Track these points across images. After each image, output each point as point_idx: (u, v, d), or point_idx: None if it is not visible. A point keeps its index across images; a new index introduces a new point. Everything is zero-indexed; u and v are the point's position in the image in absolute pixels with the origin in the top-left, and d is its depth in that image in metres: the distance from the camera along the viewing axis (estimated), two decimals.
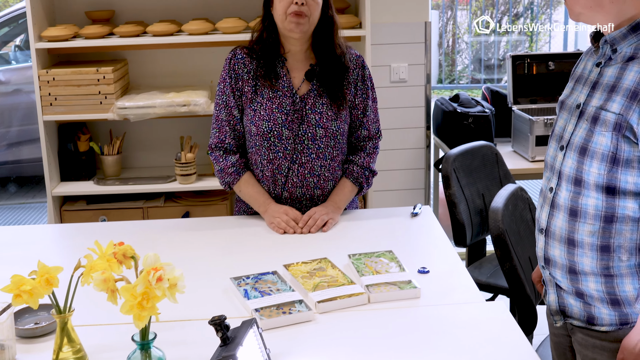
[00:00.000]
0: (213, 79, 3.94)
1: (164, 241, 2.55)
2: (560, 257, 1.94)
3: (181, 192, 3.85)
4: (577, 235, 1.89)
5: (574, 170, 1.89)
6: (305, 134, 2.61)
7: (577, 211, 1.88)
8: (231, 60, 2.66)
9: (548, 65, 4.05)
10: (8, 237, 2.71)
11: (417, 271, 2.20)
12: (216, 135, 2.69)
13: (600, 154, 1.83)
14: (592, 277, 1.89)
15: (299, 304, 1.96)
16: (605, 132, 1.81)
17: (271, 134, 2.60)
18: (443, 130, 4.11)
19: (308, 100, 2.62)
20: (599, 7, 1.85)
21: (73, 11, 3.87)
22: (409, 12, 4.08)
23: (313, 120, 2.61)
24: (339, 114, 2.64)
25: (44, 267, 1.62)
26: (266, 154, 2.62)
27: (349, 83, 2.66)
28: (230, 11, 3.85)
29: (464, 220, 3.12)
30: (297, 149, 2.61)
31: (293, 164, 2.62)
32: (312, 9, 2.54)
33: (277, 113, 2.60)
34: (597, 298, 1.91)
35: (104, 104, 3.62)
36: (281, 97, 2.61)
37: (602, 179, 1.83)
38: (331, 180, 2.67)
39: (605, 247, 1.86)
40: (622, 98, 1.80)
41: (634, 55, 1.82)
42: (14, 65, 6.64)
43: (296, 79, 2.64)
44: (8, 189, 6.56)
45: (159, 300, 1.55)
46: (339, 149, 2.67)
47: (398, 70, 4.12)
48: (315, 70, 2.63)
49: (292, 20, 2.52)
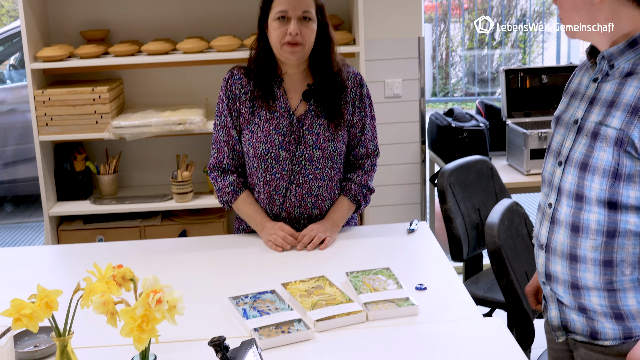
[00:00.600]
0: (208, 97, 3.96)
1: (162, 261, 2.56)
2: (562, 273, 1.95)
3: (178, 210, 3.86)
4: (580, 251, 1.90)
5: (574, 185, 1.90)
6: (303, 155, 2.61)
7: (579, 226, 1.89)
8: (228, 81, 2.66)
9: (541, 79, 4.07)
10: (6, 258, 2.72)
11: (415, 288, 2.21)
12: (215, 155, 2.70)
13: (602, 169, 1.84)
14: (595, 292, 1.90)
15: (298, 323, 1.97)
16: (606, 148, 1.83)
17: (268, 156, 2.60)
18: (438, 144, 4.13)
19: (305, 121, 2.62)
20: (592, 23, 1.86)
21: (68, 31, 3.89)
22: (402, 28, 4.10)
23: (310, 141, 2.61)
24: (336, 134, 2.64)
25: (43, 291, 1.62)
26: (263, 174, 2.63)
27: (346, 102, 2.67)
28: (224, 29, 3.88)
29: (460, 235, 3.13)
30: (295, 169, 2.62)
31: (291, 184, 2.63)
32: (307, 36, 2.55)
33: (274, 134, 2.60)
34: (601, 313, 1.92)
35: (99, 124, 3.63)
36: (278, 118, 2.61)
37: (604, 194, 1.84)
38: (329, 199, 2.69)
39: (608, 261, 1.87)
40: (623, 113, 1.81)
41: (632, 71, 1.84)
42: (9, 84, 6.65)
43: (293, 99, 2.65)
44: (4, 208, 6.55)
45: (158, 322, 1.55)
46: (336, 168, 2.68)
47: (392, 86, 4.14)
48: (313, 91, 2.64)
49: (287, 50, 2.54)
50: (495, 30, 9.60)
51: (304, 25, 2.53)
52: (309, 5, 2.54)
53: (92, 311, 1.63)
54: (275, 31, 2.54)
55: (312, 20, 2.55)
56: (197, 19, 3.92)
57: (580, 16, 1.87)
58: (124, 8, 3.91)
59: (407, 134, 4.22)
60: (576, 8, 1.88)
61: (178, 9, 3.92)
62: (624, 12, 1.83)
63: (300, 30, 2.52)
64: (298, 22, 2.52)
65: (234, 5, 3.91)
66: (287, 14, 2.52)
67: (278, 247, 2.57)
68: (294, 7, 2.52)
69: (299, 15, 2.52)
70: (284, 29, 2.52)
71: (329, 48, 2.63)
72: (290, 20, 2.52)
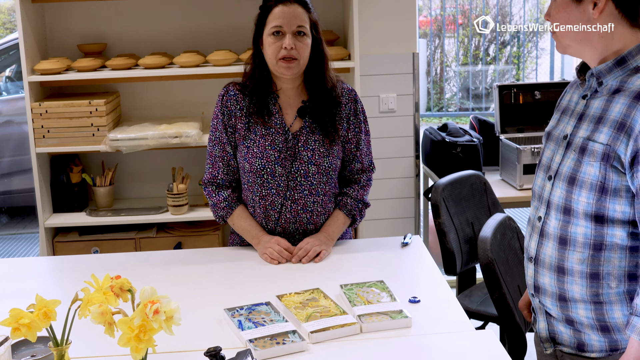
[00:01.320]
0: (204, 110, 3.99)
1: (158, 273, 2.57)
2: (550, 285, 1.98)
3: (173, 222, 3.88)
4: (567, 263, 1.93)
5: (562, 199, 1.93)
6: (298, 171, 2.63)
7: (567, 239, 1.92)
8: (224, 97, 2.69)
9: (534, 95, 4.11)
10: (2, 269, 2.73)
11: (408, 301, 2.24)
12: (209, 170, 2.72)
13: (589, 184, 1.87)
14: (582, 304, 1.93)
15: (293, 335, 1.99)
16: (593, 162, 1.86)
17: (264, 171, 2.62)
18: (432, 159, 4.16)
19: (300, 137, 2.64)
20: (587, 41, 1.90)
21: (65, 44, 3.92)
22: (397, 43, 4.14)
23: (305, 157, 2.63)
24: (331, 150, 2.66)
25: (42, 301, 1.65)
26: (259, 190, 2.65)
27: (341, 118, 2.69)
28: (220, 44, 3.91)
29: (454, 249, 3.16)
30: (290, 185, 2.64)
31: (286, 200, 2.64)
32: (302, 51, 2.58)
33: (269, 150, 2.62)
34: (587, 325, 1.94)
35: (96, 136, 3.66)
36: (274, 134, 2.64)
37: (591, 208, 1.87)
38: (324, 214, 2.71)
39: (595, 274, 1.90)
40: (609, 129, 1.84)
41: (620, 88, 1.87)
42: (5, 96, 6.68)
43: (288, 116, 2.67)
44: None
45: (155, 332, 1.58)
46: (331, 184, 2.70)
47: (387, 101, 4.18)
48: (308, 107, 2.66)
49: (283, 65, 2.57)
50: (489, 47, 9.66)
51: (299, 40, 2.57)
52: (303, 21, 2.58)
53: (89, 321, 1.65)
54: (271, 46, 2.57)
55: (306, 35, 2.60)
56: (194, 33, 3.95)
57: (574, 32, 1.91)
58: (121, 22, 3.94)
59: (402, 149, 4.25)
60: (571, 22, 1.91)
61: (175, 24, 3.95)
62: (617, 28, 1.88)
63: (295, 44, 2.56)
64: (293, 37, 2.56)
65: (230, 20, 3.94)
66: (282, 29, 2.56)
67: (274, 261, 2.59)
68: (289, 22, 2.56)
69: (294, 30, 2.56)
70: (279, 44, 2.56)
71: (323, 64, 2.67)
72: (285, 35, 2.56)
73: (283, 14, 2.56)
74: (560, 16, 1.93)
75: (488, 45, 9.68)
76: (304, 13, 2.60)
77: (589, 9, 1.86)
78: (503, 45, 9.67)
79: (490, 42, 9.67)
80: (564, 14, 1.92)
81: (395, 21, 4.11)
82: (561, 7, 1.92)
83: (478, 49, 9.69)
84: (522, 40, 9.58)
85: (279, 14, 2.56)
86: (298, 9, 2.58)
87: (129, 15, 3.93)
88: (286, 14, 2.56)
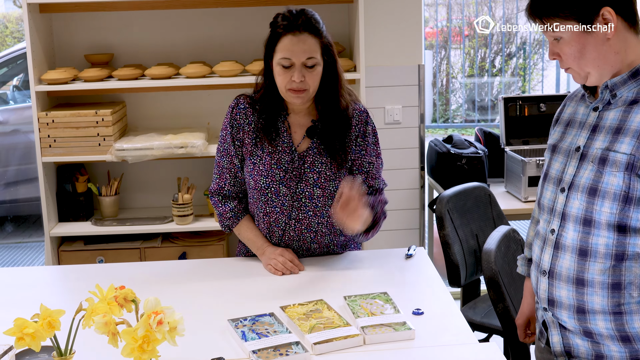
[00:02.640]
0: (210, 121, 4.00)
1: (162, 283, 2.58)
2: (568, 298, 1.98)
3: (178, 232, 3.89)
4: (587, 275, 1.93)
5: (582, 210, 1.94)
6: (303, 192, 2.59)
7: (587, 251, 1.93)
8: (233, 109, 2.63)
9: (539, 107, 4.12)
10: (7, 278, 2.74)
11: (412, 312, 2.24)
12: (216, 181, 2.69)
13: (612, 194, 1.89)
14: (601, 315, 1.93)
15: (296, 346, 2.00)
16: (616, 172, 1.88)
17: (268, 190, 2.59)
18: (437, 171, 4.17)
19: (307, 158, 2.59)
20: (605, 63, 1.92)
21: (73, 54, 3.94)
22: (402, 55, 4.15)
23: (311, 179, 2.58)
24: (338, 174, 2.60)
25: (46, 310, 1.66)
26: (263, 207, 2.62)
27: (350, 140, 2.62)
28: (227, 55, 3.93)
29: (458, 261, 3.16)
30: (294, 205, 2.60)
31: (290, 219, 2.61)
32: (312, 81, 2.50)
33: (275, 169, 2.58)
34: (607, 336, 1.95)
35: (102, 146, 3.67)
36: (280, 153, 2.58)
37: (614, 218, 1.89)
38: (328, 235, 2.67)
39: (617, 284, 1.91)
40: (632, 139, 1.87)
41: (637, 99, 1.91)
42: (12, 105, 6.70)
43: (297, 134, 2.61)
44: (5, 228, 6.58)
45: (159, 343, 1.59)
46: None
47: (392, 112, 4.19)
48: (317, 127, 2.60)
49: (292, 95, 2.50)
50: (495, 58, 9.66)
51: (308, 71, 2.48)
52: (313, 51, 2.48)
53: (93, 331, 1.66)
54: (280, 76, 2.49)
55: (317, 64, 2.50)
56: (200, 44, 3.97)
57: (592, 58, 1.91)
58: (128, 32, 3.96)
59: (407, 160, 4.25)
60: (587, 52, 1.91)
61: (181, 35, 3.97)
62: (630, 42, 1.91)
63: (305, 76, 2.47)
64: (302, 69, 2.47)
65: (236, 31, 3.96)
66: (290, 61, 2.46)
67: (277, 272, 2.59)
68: (298, 55, 2.46)
69: (303, 62, 2.47)
70: (287, 75, 2.47)
71: (337, 85, 2.58)
72: (294, 66, 2.47)
73: (292, 46, 2.45)
74: (572, 50, 1.92)
75: (494, 57, 9.69)
76: (315, 42, 2.48)
77: (602, 30, 1.88)
78: (509, 57, 9.67)
79: (496, 54, 9.67)
80: (577, 46, 1.91)
81: (401, 33, 4.12)
82: (573, 40, 1.91)
83: (484, 60, 9.70)
84: (528, 52, 9.58)
85: (288, 45, 2.46)
86: (308, 38, 2.47)
87: (135, 26, 3.96)
88: (295, 46, 2.45)
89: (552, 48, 1.96)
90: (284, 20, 2.48)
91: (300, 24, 2.46)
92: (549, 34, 1.95)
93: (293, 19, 2.47)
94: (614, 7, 1.87)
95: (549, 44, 1.98)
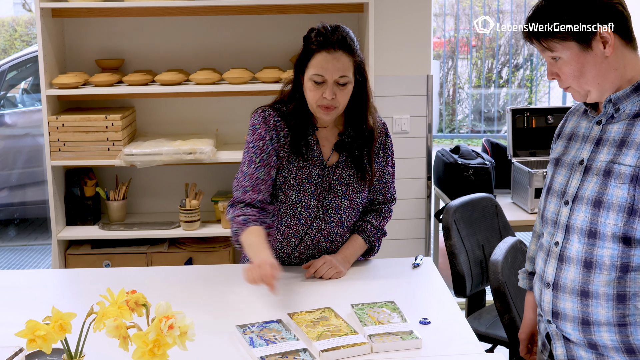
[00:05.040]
0: (219, 127, 4.02)
1: (169, 288, 2.58)
2: (572, 310, 1.99)
3: (185, 238, 3.91)
4: (592, 286, 1.94)
5: (587, 222, 1.95)
6: (331, 203, 2.59)
7: (592, 262, 1.94)
8: (269, 120, 2.56)
9: (547, 119, 4.13)
10: (15, 280, 2.75)
11: (419, 322, 2.25)
12: (248, 193, 2.54)
13: (617, 206, 1.90)
14: (606, 327, 1.94)
15: (304, 353, 2.00)
16: (620, 185, 1.89)
17: (299, 205, 2.58)
18: (444, 181, 4.18)
19: (336, 171, 2.60)
20: (605, 80, 1.94)
21: (83, 59, 3.97)
22: (411, 65, 4.17)
23: (340, 191, 2.59)
24: (363, 186, 2.63)
25: (58, 313, 1.67)
26: (288, 220, 2.61)
27: (373, 152, 2.63)
28: (236, 62, 3.95)
29: (464, 271, 3.16)
30: (319, 216, 2.60)
31: (311, 229, 2.62)
32: (342, 99, 2.49)
33: (307, 184, 2.57)
34: (612, 348, 1.96)
35: (111, 151, 3.69)
36: (311, 167, 2.58)
37: (619, 230, 1.90)
38: (341, 244, 2.69)
39: (622, 296, 1.92)
40: (637, 151, 1.89)
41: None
42: (21, 108, 6.73)
43: (325, 148, 2.61)
44: (11, 230, 6.60)
45: (169, 347, 1.60)
46: (357, 216, 2.69)
47: (400, 122, 4.20)
48: (345, 142, 2.60)
49: (321, 112, 2.49)
50: (502, 69, 9.68)
51: (340, 89, 2.46)
52: (346, 70, 2.46)
53: (103, 335, 1.67)
54: (311, 92, 2.48)
55: (348, 83, 2.48)
56: (210, 51, 3.99)
57: (592, 77, 1.93)
58: (139, 38, 3.98)
59: (414, 170, 4.27)
60: (587, 71, 1.93)
61: (192, 41, 3.99)
62: (628, 58, 1.94)
63: (336, 93, 2.46)
64: (334, 86, 2.45)
65: (246, 38, 3.98)
66: (323, 78, 2.44)
67: (251, 280, 2.34)
68: (331, 73, 2.44)
69: (336, 80, 2.45)
70: (319, 92, 2.46)
71: (366, 103, 2.58)
72: (326, 83, 2.45)
73: (327, 63, 2.43)
74: (571, 69, 1.94)
75: (501, 68, 9.71)
76: (348, 60, 2.46)
77: (600, 49, 1.89)
78: (516, 69, 9.69)
79: (503, 65, 9.69)
80: (576, 66, 1.92)
81: (410, 43, 4.14)
82: (572, 60, 1.92)
83: (491, 71, 9.72)
84: (535, 64, 9.60)
85: (323, 62, 2.44)
86: (342, 56, 2.45)
87: (146, 32, 3.98)
88: (329, 63, 2.43)
89: (551, 68, 1.98)
90: (319, 36, 2.45)
91: (336, 41, 2.44)
92: (547, 55, 1.97)
93: (328, 36, 2.45)
94: (610, 25, 1.89)
95: (547, 65, 1.99)
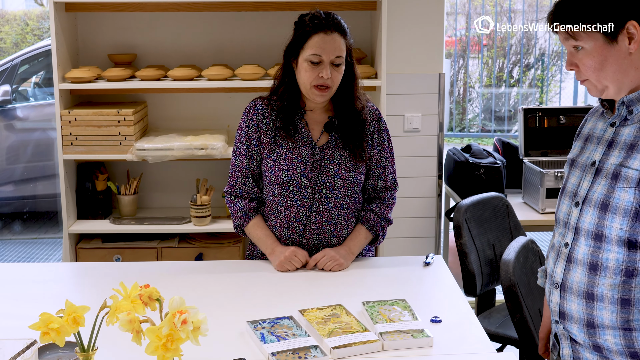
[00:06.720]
0: (231, 123, 4.03)
1: (179, 283, 2.60)
2: (578, 311, 1.98)
3: (195, 233, 3.91)
4: (597, 289, 1.94)
5: (594, 225, 1.94)
6: (324, 183, 2.66)
7: (598, 265, 1.93)
8: (250, 110, 2.73)
9: (559, 119, 4.12)
10: (26, 274, 2.77)
11: (430, 320, 2.25)
12: (229, 180, 2.79)
13: (623, 210, 1.89)
14: (611, 330, 1.94)
15: (315, 349, 2.01)
16: (627, 188, 1.88)
17: (290, 183, 2.66)
18: (454, 180, 4.17)
19: (327, 151, 2.68)
20: (625, 77, 1.92)
21: (96, 53, 3.97)
22: (423, 63, 4.16)
23: (332, 170, 2.67)
24: (357, 166, 2.70)
25: (71, 306, 1.67)
26: (285, 201, 2.67)
27: (365, 135, 2.72)
28: (249, 58, 3.95)
29: (475, 270, 3.16)
30: (316, 197, 2.67)
31: (311, 212, 2.67)
32: (336, 79, 2.63)
33: (296, 163, 2.66)
34: (616, 351, 1.95)
35: (123, 145, 3.70)
36: (300, 148, 2.67)
37: (624, 234, 1.89)
38: (347, 228, 2.73)
39: (626, 300, 1.91)
40: None
41: None
42: (32, 102, 6.76)
43: (314, 131, 2.71)
44: (21, 223, 6.62)
45: (182, 342, 1.60)
46: (355, 198, 2.73)
47: (412, 120, 4.19)
48: (334, 123, 2.70)
49: (316, 92, 2.61)
50: (513, 69, 9.65)
51: (335, 69, 2.61)
52: (341, 51, 2.61)
53: (117, 328, 1.68)
54: (307, 72, 2.60)
55: (342, 64, 2.63)
56: (223, 47, 4.00)
57: (612, 72, 1.91)
58: (151, 33, 3.99)
59: (425, 168, 4.26)
60: (608, 65, 1.91)
61: (204, 37, 4.00)
62: None
63: (331, 73, 2.59)
64: (330, 67, 2.59)
65: (259, 35, 3.98)
66: (320, 58, 2.58)
67: (291, 267, 2.64)
68: (328, 53, 2.58)
69: (332, 60, 2.59)
70: (315, 72, 2.59)
71: (353, 85, 2.70)
72: (323, 63, 2.58)
73: (324, 43, 2.58)
74: (593, 61, 1.91)
75: (512, 67, 9.68)
76: (343, 42, 2.62)
77: (625, 44, 1.87)
78: (527, 68, 9.67)
79: (514, 64, 9.67)
80: (598, 58, 1.90)
81: (422, 41, 4.13)
82: (595, 52, 1.90)
83: (502, 70, 9.70)
84: (546, 64, 9.57)
85: (320, 43, 2.58)
86: (337, 37, 2.60)
87: (159, 27, 3.98)
88: (327, 44, 2.58)
89: (571, 58, 1.95)
90: (315, 19, 2.60)
91: (332, 24, 2.60)
92: (570, 43, 1.94)
93: (324, 19, 2.60)
94: (639, 21, 1.87)
95: (567, 54, 1.96)
